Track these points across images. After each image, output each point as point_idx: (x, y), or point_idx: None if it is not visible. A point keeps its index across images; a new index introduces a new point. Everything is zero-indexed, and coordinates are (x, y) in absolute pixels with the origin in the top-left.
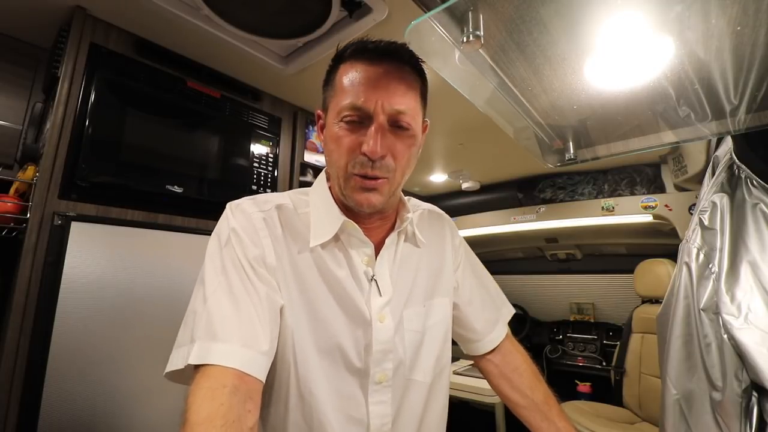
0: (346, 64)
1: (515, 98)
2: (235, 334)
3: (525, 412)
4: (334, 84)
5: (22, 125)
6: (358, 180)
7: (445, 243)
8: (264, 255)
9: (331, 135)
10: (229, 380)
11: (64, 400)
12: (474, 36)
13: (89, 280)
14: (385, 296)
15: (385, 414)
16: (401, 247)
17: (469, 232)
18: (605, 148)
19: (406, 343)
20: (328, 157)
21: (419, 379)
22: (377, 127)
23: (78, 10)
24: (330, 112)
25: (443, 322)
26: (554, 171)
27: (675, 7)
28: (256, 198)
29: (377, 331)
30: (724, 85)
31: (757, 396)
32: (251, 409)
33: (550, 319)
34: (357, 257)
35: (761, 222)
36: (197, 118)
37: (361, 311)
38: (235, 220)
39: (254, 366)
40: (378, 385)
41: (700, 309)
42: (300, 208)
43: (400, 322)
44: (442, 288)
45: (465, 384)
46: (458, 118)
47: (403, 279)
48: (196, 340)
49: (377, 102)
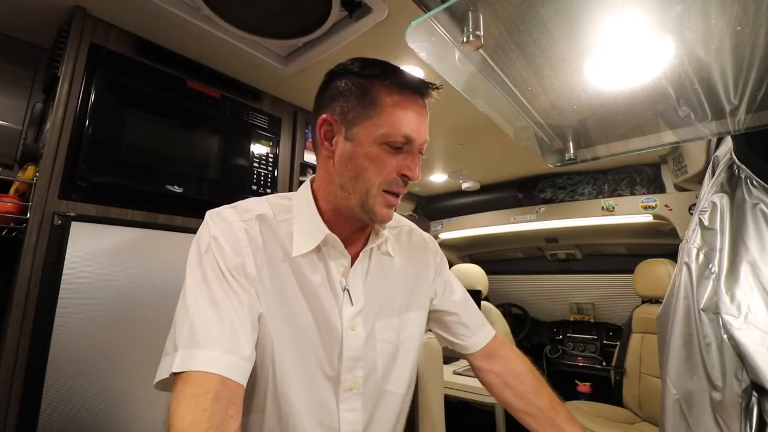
0: (389, 89)
1: (515, 98)
2: (218, 341)
3: (531, 419)
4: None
5: (22, 125)
6: (388, 197)
7: (425, 258)
8: (244, 264)
9: (368, 154)
10: (212, 386)
11: (64, 400)
12: (474, 36)
13: (89, 280)
14: (356, 305)
15: (356, 421)
16: (375, 260)
17: (469, 232)
18: (605, 148)
19: (377, 353)
20: (355, 172)
21: (393, 390)
22: (418, 157)
23: (78, 10)
24: (365, 130)
25: (417, 335)
26: (554, 171)
27: (675, 7)
28: (236, 206)
29: (348, 339)
30: (724, 85)
31: (757, 396)
32: (233, 415)
33: (550, 319)
34: (334, 268)
35: (761, 222)
36: (197, 118)
37: (333, 319)
38: (216, 229)
39: (236, 371)
40: (349, 392)
41: (700, 309)
42: (280, 215)
43: (372, 331)
44: (417, 302)
45: (465, 384)
46: (458, 118)
47: (375, 290)
48: (179, 349)
49: (419, 133)
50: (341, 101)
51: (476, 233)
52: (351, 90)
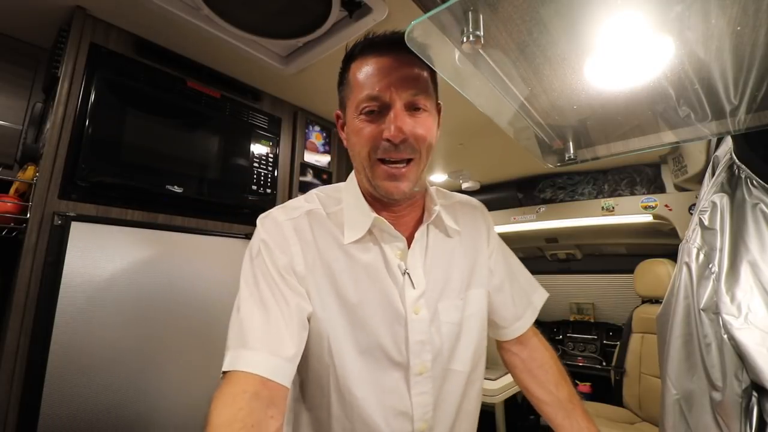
0: (357, 61)
1: (515, 98)
2: (263, 342)
3: (548, 408)
4: (349, 82)
5: (22, 125)
6: (383, 167)
7: (479, 233)
8: (293, 263)
9: (353, 128)
10: (251, 386)
11: (64, 400)
12: (474, 36)
13: (89, 280)
14: (418, 289)
15: (427, 403)
16: (432, 239)
17: None
18: (605, 148)
19: (443, 335)
20: (352, 150)
21: (458, 369)
22: (396, 112)
23: (78, 10)
24: (349, 110)
25: (480, 313)
26: (554, 171)
27: (675, 7)
28: (285, 206)
29: (413, 323)
30: (724, 85)
31: (757, 396)
32: (274, 415)
33: (550, 319)
34: (390, 252)
35: (761, 222)
36: (197, 118)
37: (396, 305)
38: (265, 231)
39: (277, 372)
40: (419, 376)
41: (700, 309)
42: (329, 207)
43: (436, 313)
44: (478, 278)
45: None
46: (458, 118)
47: (436, 271)
48: (229, 348)
49: (392, 89)
50: (339, 93)
51: None
52: (340, 81)
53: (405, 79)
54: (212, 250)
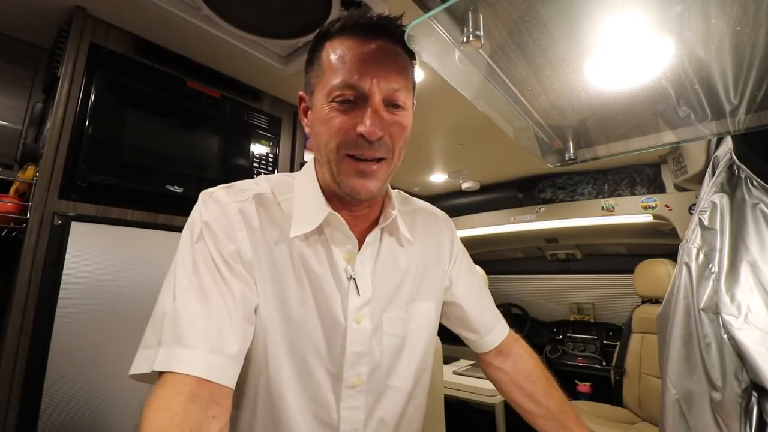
0: (334, 41)
1: (515, 98)
2: (202, 338)
3: (540, 421)
4: (321, 62)
5: (22, 125)
6: (352, 163)
7: (438, 243)
8: (240, 250)
9: (320, 117)
10: (187, 388)
11: (64, 400)
12: (474, 36)
13: (89, 280)
14: (363, 296)
15: (357, 419)
16: (385, 245)
17: (469, 232)
18: (605, 148)
19: (384, 348)
20: (316, 140)
21: (397, 385)
22: (374, 107)
23: (78, 10)
24: (317, 94)
25: (426, 327)
26: (554, 171)
27: (675, 7)
28: (231, 186)
29: (352, 333)
30: (724, 85)
31: (756, 396)
32: (216, 415)
33: (550, 319)
34: (338, 253)
35: (761, 222)
36: (197, 118)
37: (336, 311)
38: (208, 212)
39: (218, 372)
40: (351, 389)
41: (700, 309)
42: (281, 194)
43: (379, 324)
44: (428, 291)
45: (465, 384)
46: (458, 118)
47: (385, 280)
48: (162, 344)
49: (373, 80)
50: (306, 73)
51: (476, 233)
52: (309, 59)
53: (388, 71)
54: None
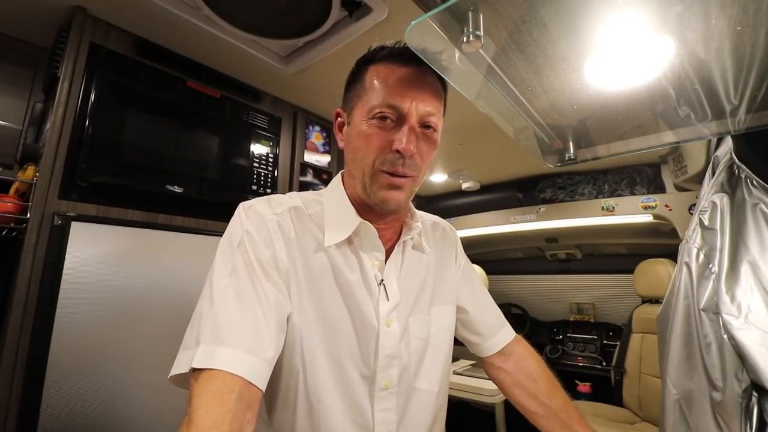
0: (379, 65)
1: (515, 98)
2: (241, 340)
3: (543, 421)
4: (364, 82)
5: (22, 125)
6: (386, 177)
7: (448, 252)
8: (276, 258)
9: (359, 132)
10: (237, 387)
11: (64, 400)
12: (474, 36)
13: (89, 280)
14: (392, 301)
15: (390, 421)
16: (408, 254)
17: (469, 232)
18: (605, 148)
19: (411, 350)
20: (353, 154)
21: (424, 388)
22: (411, 126)
23: (78, 10)
24: (357, 111)
25: (447, 330)
26: (554, 171)
27: (675, 7)
28: (269, 199)
29: (384, 336)
30: (724, 85)
31: (757, 396)
32: (250, 419)
33: (550, 319)
34: (368, 261)
35: (761, 222)
36: (197, 118)
37: (369, 315)
38: (249, 222)
39: (257, 375)
40: (384, 391)
41: (700, 309)
42: (310, 208)
43: (406, 328)
44: (445, 295)
45: (465, 384)
46: (458, 118)
47: (409, 285)
48: (200, 343)
49: (411, 102)
50: (347, 92)
51: (476, 233)
52: (351, 79)
53: (424, 95)
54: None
